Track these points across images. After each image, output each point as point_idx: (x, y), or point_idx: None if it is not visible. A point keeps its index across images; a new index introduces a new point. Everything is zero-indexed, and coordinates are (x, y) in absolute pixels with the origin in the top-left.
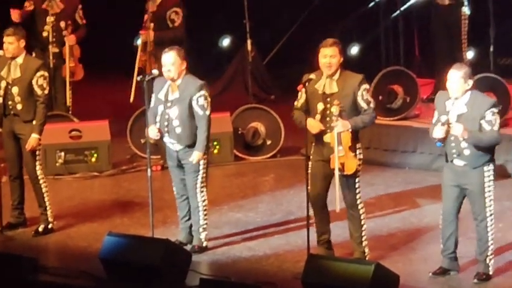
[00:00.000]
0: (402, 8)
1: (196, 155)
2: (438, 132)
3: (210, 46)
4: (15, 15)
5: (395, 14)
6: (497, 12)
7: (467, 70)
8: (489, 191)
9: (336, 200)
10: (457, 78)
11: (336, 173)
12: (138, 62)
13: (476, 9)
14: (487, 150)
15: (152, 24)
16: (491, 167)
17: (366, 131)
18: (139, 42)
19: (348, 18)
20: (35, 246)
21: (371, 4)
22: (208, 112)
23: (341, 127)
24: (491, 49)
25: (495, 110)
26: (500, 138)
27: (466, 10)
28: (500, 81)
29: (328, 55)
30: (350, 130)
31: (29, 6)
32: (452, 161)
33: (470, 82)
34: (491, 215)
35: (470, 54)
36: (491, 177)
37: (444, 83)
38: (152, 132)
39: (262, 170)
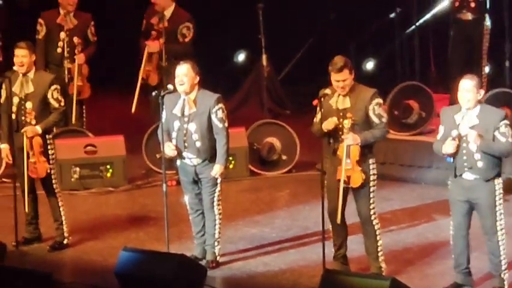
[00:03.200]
0: (417, 23)
1: (218, 168)
2: (449, 147)
3: (225, 61)
4: None
5: (411, 28)
6: None
7: (479, 81)
8: (500, 204)
9: (338, 211)
10: (470, 88)
11: (341, 185)
12: (142, 72)
13: (496, 24)
14: (498, 163)
15: (161, 39)
16: (500, 180)
17: (381, 146)
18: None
19: (363, 33)
20: (50, 261)
21: (387, 19)
22: (226, 124)
23: (351, 140)
24: (507, 64)
25: (507, 121)
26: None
27: (488, 24)
28: None
29: (340, 80)
30: (359, 144)
31: (41, 31)
32: (461, 175)
33: (482, 92)
34: (502, 229)
35: (486, 69)
36: (501, 191)
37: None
38: (168, 149)
39: (278, 185)
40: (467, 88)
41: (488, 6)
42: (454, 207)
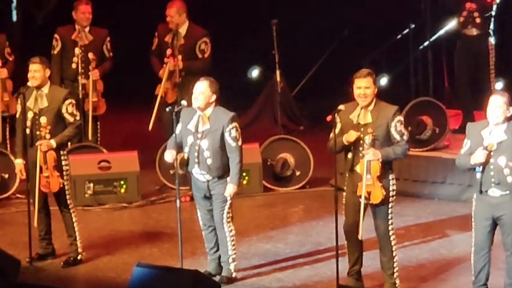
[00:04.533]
0: (431, 39)
1: (231, 188)
2: (479, 157)
3: (239, 77)
4: None
5: (424, 45)
6: None
7: (509, 97)
8: None
9: (359, 227)
10: (500, 104)
11: (362, 201)
12: (162, 90)
13: (505, 40)
14: None
15: (180, 56)
16: None
17: (395, 162)
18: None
19: (377, 49)
20: (64, 277)
21: (400, 35)
22: (240, 143)
23: (372, 156)
24: None
25: None
26: None
27: (492, 40)
28: None
29: (362, 86)
30: (380, 160)
31: (57, 47)
32: (487, 191)
33: (511, 109)
34: None
35: (499, 85)
36: None
37: (471, 113)
38: (169, 156)
39: (292, 201)
40: (497, 104)
41: (493, 22)
42: (477, 224)
